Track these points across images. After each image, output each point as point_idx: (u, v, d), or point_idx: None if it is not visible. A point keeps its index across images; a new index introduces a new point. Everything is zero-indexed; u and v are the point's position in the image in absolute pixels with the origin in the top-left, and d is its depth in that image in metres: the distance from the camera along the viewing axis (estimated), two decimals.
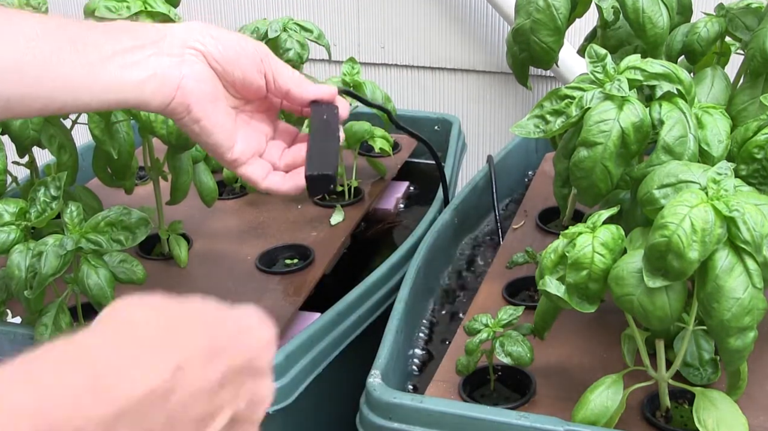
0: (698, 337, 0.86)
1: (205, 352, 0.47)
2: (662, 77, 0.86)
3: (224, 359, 0.49)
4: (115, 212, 0.94)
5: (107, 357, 0.41)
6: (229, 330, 0.51)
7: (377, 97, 1.28)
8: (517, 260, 1.06)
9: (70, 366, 0.40)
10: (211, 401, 0.47)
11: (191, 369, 0.45)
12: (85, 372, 0.39)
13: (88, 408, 0.39)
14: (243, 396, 0.51)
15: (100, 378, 0.40)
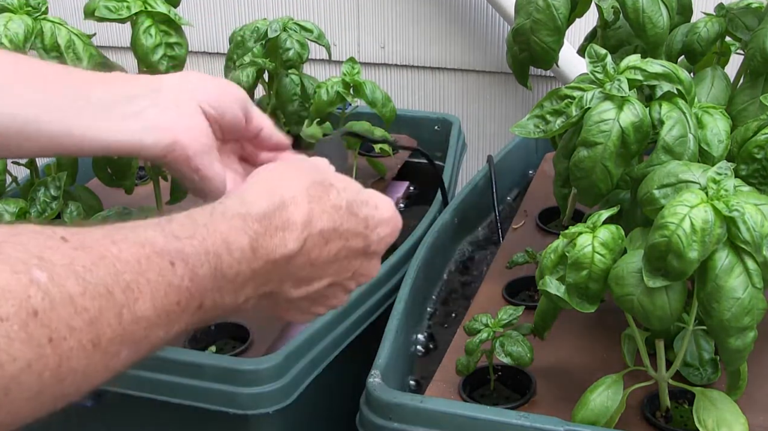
0: (698, 337, 0.86)
1: (330, 232, 0.61)
2: (662, 77, 0.86)
3: (345, 240, 0.63)
4: (114, 212, 0.94)
5: (262, 223, 0.56)
6: (360, 215, 0.64)
7: (377, 97, 1.28)
8: (517, 260, 1.06)
9: (239, 227, 0.55)
10: (317, 269, 0.62)
11: (314, 243, 0.60)
12: (248, 234, 0.55)
13: (249, 261, 0.55)
14: (348, 271, 0.65)
15: (257, 240, 0.56)
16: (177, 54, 1.03)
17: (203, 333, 1.03)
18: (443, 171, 1.37)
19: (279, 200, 0.59)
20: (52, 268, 0.43)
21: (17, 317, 0.40)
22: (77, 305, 0.43)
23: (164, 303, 0.49)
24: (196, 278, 0.51)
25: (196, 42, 1.93)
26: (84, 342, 0.43)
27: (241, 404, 0.90)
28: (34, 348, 0.41)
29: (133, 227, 0.50)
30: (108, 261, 0.46)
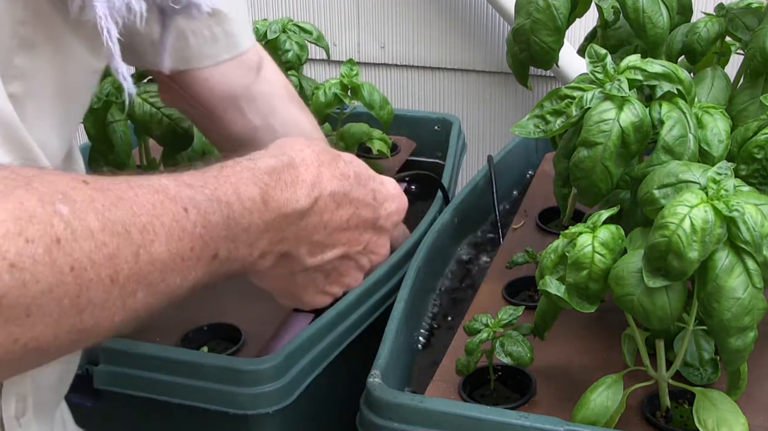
0: (698, 337, 0.86)
1: (341, 197, 0.63)
2: (662, 77, 0.86)
3: (355, 208, 0.65)
4: None
5: (271, 176, 0.59)
6: (368, 187, 0.66)
7: (375, 99, 1.28)
8: (517, 260, 1.06)
9: (249, 178, 0.57)
10: (331, 235, 0.64)
11: (326, 205, 0.62)
12: (259, 186, 0.57)
13: (261, 212, 0.57)
14: (359, 243, 0.67)
15: (267, 192, 0.58)
16: None
17: (196, 333, 1.03)
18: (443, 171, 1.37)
19: (288, 159, 0.61)
20: (73, 203, 0.45)
21: (42, 241, 0.43)
22: (97, 239, 0.45)
23: (178, 247, 0.51)
24: (209, 225, 0.53)
25: None
26: (103, 275, 0.46)
27: (241, 404, 0.91)
28: (56, 273, 0.43)
29: (147, 177, 0.52)
30: (125, 203, 0.48)
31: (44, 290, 0.43)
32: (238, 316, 1.06)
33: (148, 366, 0.93)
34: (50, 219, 0.43)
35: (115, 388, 0.94)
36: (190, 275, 0.52)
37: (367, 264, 0.70)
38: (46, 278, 0.43)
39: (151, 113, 0.99)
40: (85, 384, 0.95)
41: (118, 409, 0.99)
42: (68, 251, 0.44)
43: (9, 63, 0.56)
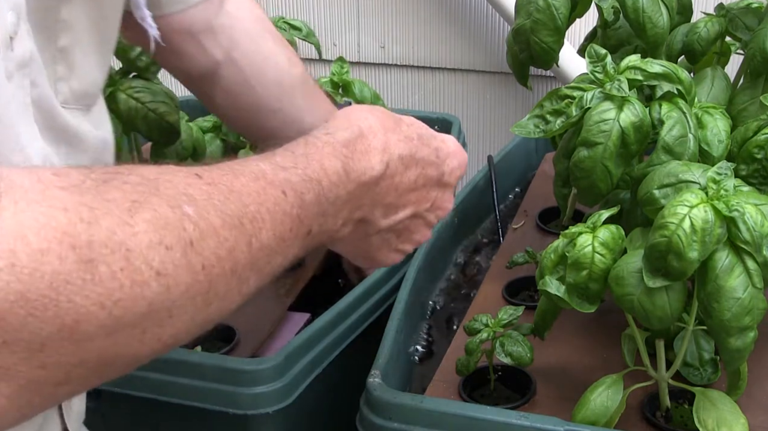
0: (698, 337, 0.86)
1: (408, 158, 0.67)
2: (662, 77, 0.86)
3: (421, 168, 0.68)
4: None
5: (348, 148, 0.62)
6: (431, 146, 0.69)
7: (366, 95, 1.29)
8: (517, 260, 1.06)
9: (331, 152, 0.60)
10: (402, 196, 0.67)
11: (396, 168, 0.66)
12: (340, 159, 0.60)
13: (344, 184, 0.60)
14: (427, 201, 0.70)
15: (348, 164, 0.61)
16: None
17: None
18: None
19: (357, 129, 0.64)
20: (196, 203, 0.48)
21: (178, 245, 0.45)
22: (220, 235, 0.48)
23: (281, 230, 0.54)
24: (304, 204, 0.56)
25: None
26: (226, 269, 0.49)
27: (241, 404, 0.91)
28: (191, 274, 0.46)
29: (245, 161, 0.55)
30: (235, 195, 0.51)
31: (182, 292, 0.46)
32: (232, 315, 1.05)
33: (148, 366, 0.92)
34: (181, 223, 0.46)
35: (115, 388, 0.94)
36: (289, 254, 0.56)
37: (435, 220, 0.73)
38: (184, 280, 0.46)
39: (136, 108, 0.99)
40: None
41: (118, 409, 0.99)
42: (199, 251, 0.47)
43: (56, 18, 0.57)
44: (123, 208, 0.44)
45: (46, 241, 0.40)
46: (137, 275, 0.43)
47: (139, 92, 1.00)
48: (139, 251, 0.43)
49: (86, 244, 0.41)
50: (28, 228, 0.40)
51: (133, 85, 1.00)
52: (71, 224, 0.41)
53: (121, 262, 0.42)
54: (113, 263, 0.42)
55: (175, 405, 0.93)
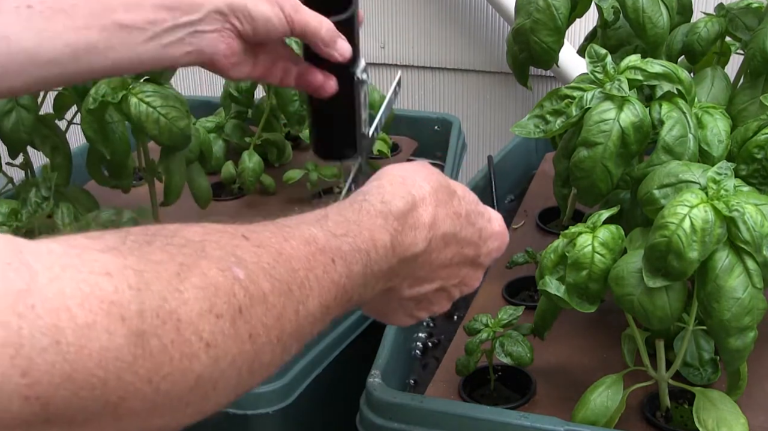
0: (698, 337, 0.86)
1: (450, 236, 0.65)
2: (662, 77, 0.86)
3: (460, 247, 0.66)
4: (105, 213, 0.95)
5: (399, 221, 0.60)
6: (476, 226, 0.68)
7: (375, 99, 1.28)
8: (517, 260, 1.06)
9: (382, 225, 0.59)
10: (434, 271, 0.66)
11: (436, 245, 0.64)
12: (390, 232, 0.59)
13: (389, 258, 0.59)
14: (457, 277, 0.69)
15: (396, 238, 0.59)
16: None
17: None
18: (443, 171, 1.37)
19: (411, 200, 0.62)
20: (246, 266, 0.45)
21: (228, 314, 0.42)
22: (268, 302, 0.46)
23: (327, 299, 0.52)
24: (351, 274, 0.55)
25: None
26: (272, 337, 0.46)
27: (241, 404, 0.90)
28: (238, 344, 0.43)
29: (297, 223, 0.53)
30: (284, 258, 0.48)
31: (229, 363, 0.43)
32: None
33: None
34: (232, 288, 0.43)
35: None
36: (328, 319, 0.54)
37: (458, 295, 0.71)
38: (231, 350, 0.43)
39: (147, 113, 0.99)
40: None
41: None
42: (247, 319, 0.44)
43: None
44: (171, 272, 0.41)
45: (92, 313, 0.36)
46: (187, 347, 0.40)
47: (151, 97, 1.00)
48: (190, 320, 0.40)
49: (136, 314, 0.38)
50: (71, 298, 0.36)
51: (144, 89, 1.00)
52: (118, 291, 0.37)
53: (172, 334, 0.39)
54: (164, 335, 0.39)
55: None
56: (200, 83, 2.01)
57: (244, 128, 1.42)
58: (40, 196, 0.98)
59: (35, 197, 0.98)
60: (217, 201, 1.28)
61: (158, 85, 1.02)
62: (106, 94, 0.99)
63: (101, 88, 0.99)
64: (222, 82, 1.41)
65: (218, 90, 1.47)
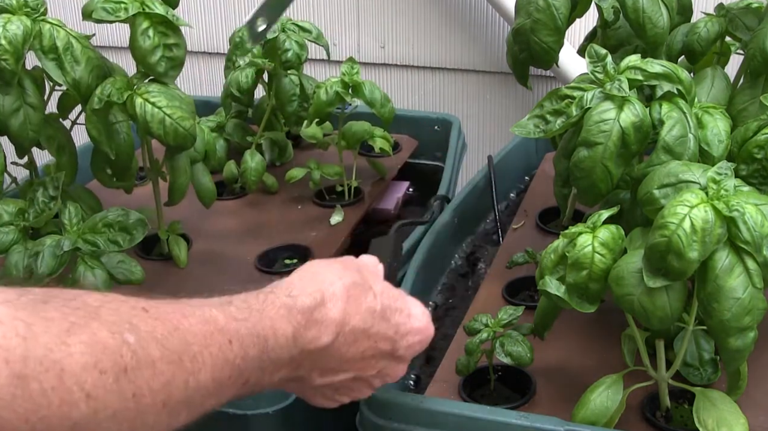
0: (698, 337, 0.86)
1: (360, 332, 0.67)
2: (662, 77, 0.85)
3: (373, 341, 0.68)
4: (112, 213, 0.94)
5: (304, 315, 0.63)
6: (392, 322, 0.70)
7: (376, 97, 1.28)
8: (517, 260, 1.06)
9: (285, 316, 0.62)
10: (345, 363, 0.68)
11: (345, 340, 0.66)
12: (292, 324, 0.62)
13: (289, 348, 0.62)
14: (373, 369, 0.71)
15: (299, 331, 0.62)
16: (175, 55, 1.03)
17: None
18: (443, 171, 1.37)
19: (320, 296, 0.65)
20: (138, 333, 0.49)
21: (113, 371, 0.46)
22: (156, 368, 0.49)
23: (220, 376, 0.56)
24: (247, 357, 0.58)
25: (196, 42, 1.93)
26: (158, 401, 0.50)
27: (241, 404, 0.90)
28: (121, 400, 0.47)
29: (199, 305, 0.57)
30: (180, 333, 0.53)
31: (109, 416, 0.46)
32: None
33: None
34: (120, 349, 0.47)
35: None
36: (223, 398, 0.58)
37: (379, 384, 0.74)
38: (112, 405, 0.46)
39: (153, 113, 0.99)
40: None
41: None
42: (132, 379, 0.47)
43: None
44: (61, 328, 0.45)
45: None
46: (67, 395, 0.43)
47: (156, 97, 1.00)
48: (73, 372, 0.44)
49: (20, 359, 0.42)
50: None
51: (149, 89, 1.00)
52: (6, 337, 0.42)
53: (54, 381, 0.43)
54: (45, 381, 0.43)
55: None
56: (200, 83, 2.01)
57: (245, 128, 1.42)
58: (47, 195, 0.98)
59: (42, 197, 0.98)
60: (219, 200, 1.28)
61: (163, 85, 1.02)
62: (112, 94, 0.99)
63: (106, 88, 0.99)
64: (222, 81, 1.41)
65: (218, 90, 1.48)
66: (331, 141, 1.38)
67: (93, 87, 1.01)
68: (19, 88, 1.01)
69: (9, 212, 0.97)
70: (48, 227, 0.98)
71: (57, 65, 0.99)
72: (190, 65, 1.98)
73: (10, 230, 0.95)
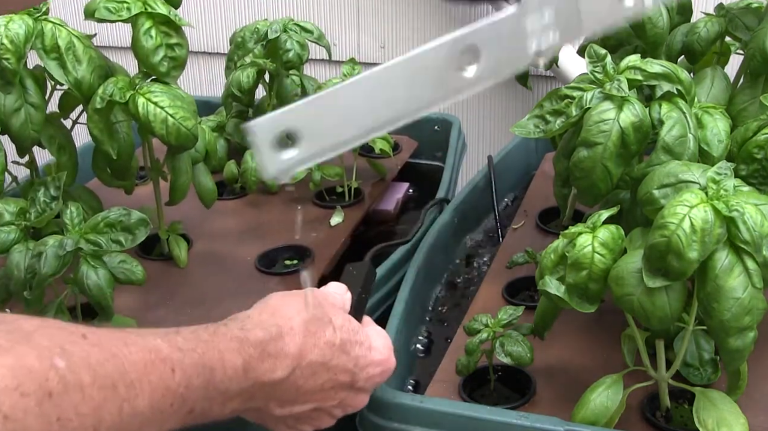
0: (698, 337, 0.86)
1: (318, 365, 0.68)
2: (662, 77, 0.86)
3: (333, 374, 0.69)
4: (114, 213, 0.94)
5: (257, 348, 0.64)
6: (351, 354, 0.71)
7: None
8: (517, 260, 1.06)
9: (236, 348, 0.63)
10: (303, 395, 0.69)
11: (302, 373, 0.67)
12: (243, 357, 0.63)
13: (239, 380, 0.62)
14: (333, 400, 0.71)
15: (250, 363, 0.63)
16: (177, 55, 1.03)
17: None
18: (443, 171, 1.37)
19: (276, 330, 0.66)
20: (70, 358, 0.49)
21: (35, 395, 0.46)
22: (86, 393, 0.49)
23: (160, 403, 0.56)
24: (191, 386, 0.58)
25: (196, 42, 1.93)
26: (87, 425, 0.50)
27: None
28: (44, 424, 0.47)
29: (144, 334, 0.58)
30: (118, 360, 0.53)
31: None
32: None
33: None
34: (46, 374, 0.47)
35: None
36: (165, 426, 0.58)
37: (340, 414, 0.74)
38: (32, 427, 0.46)
39: (155, 113, 0.99)
40: None
41: None
42: (58, 403, 0.48)
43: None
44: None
45: None
46: None
47: (158, 96, 1.00)
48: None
49: None
50: None
51: (152, 89, 1.00)
52: None
53: None
54: None
55: None
56: (200, 83, 2.01)
57: None
58: (48, 195, 0.98)
59: (44, 197, 0.98)
60: (219, 200, 1.28)
61: (165, 85, 1.02)
62: (114, 94, 0.99)
63: (108, 87, 0.99)
64: (222, 81, 1.41)
65: (218, 90, 1.48)
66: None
67: (95, 87, 1.01)
68: (20, 87, 1.01)
69: (10, 211, 0.97)
70: (49, 227, 0.98)
71: (59, 65, 1.00)
72: (190, 65, 1.98)
73: (11, 229, 0.95)
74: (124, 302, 1.07)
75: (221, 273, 1.16)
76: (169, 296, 1.11)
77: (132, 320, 1.03)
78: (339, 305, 0.75)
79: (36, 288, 0.91)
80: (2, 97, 1.00)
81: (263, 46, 1.33)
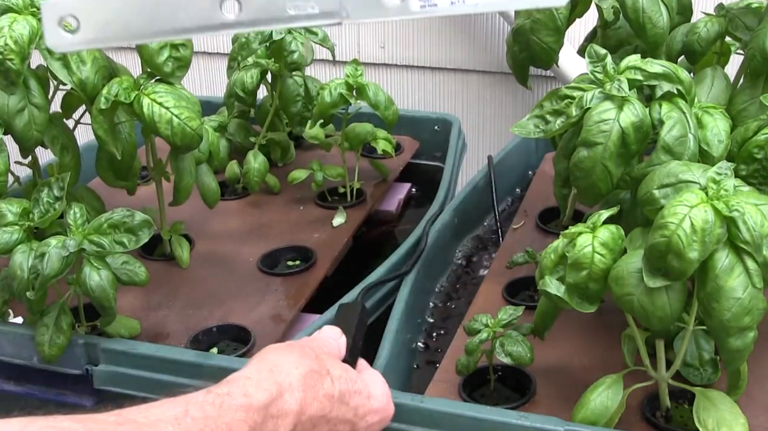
0: (698, 337, 0.86)
1: (318, 418, 0.69)
2: (662, 77, 0.86)
3: (332, 425, 0.70)
4: (118, 213, 0.94)
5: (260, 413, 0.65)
6: (351, 404, 0.72)
7: (380, 99, 1.28)
8: (517, 260, 1.06)
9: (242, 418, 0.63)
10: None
11: (303, 427, 0.68)
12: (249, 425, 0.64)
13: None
14: None
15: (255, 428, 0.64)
16: (182, 55, 1.03)
17: (205, 335, 1.03)
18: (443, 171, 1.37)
19: (277, 389, 0.67)
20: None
21: None
22: None
23: None
24: None
25: (196, 42, 1.93)
26: None
27: None
28: None
29: (154, 421, 0.60)
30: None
31: None
32: (247, 317, 1.06)
33: (148, 366, 0.93)
34: None
35: (115, 388, 0.94)
36: None
37: None
38: None
39: (160, 114, 0.99)
40: (85, 384, 0.95)
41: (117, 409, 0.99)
42: None
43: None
44: None
45: None
46: None
47: (163, 97, 1.00)
48: None
49: None
50: None
51: (156, 89, 1.00)
52: None
53: None
54: None
55: None
56: (200, 83, 2.02)
57: (247, 128, 1.42)
58: (52, 196, 0.98)
59: (47, 197, 0.98)
60: (221, 201, 1.28)
61: (170, 85, 1.02)
62: (119, 94, 0.99)
63: (113, 88, 1.00)
64: (223, 81, 1.41)
65: (218, 90, 1.48)
66: (333, 142, 1.39)
67: (99, 87, 1.01)
68: (24, 87, 1.01)
69: (13, 212, 0.97)
70: (52, 227, 0.99)
71: (63, 65, 1.00)
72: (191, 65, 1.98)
73: (14, 230, 0.95)
74: (127, 303, 1.08)
75: (223, 274, 1.16)
76: (172, 296, 1.11)
77: (135, 322, 1.03)
78: (335, 353, 0.77)
79: (39, 289, 0.91)
80: (6, 98, 1.00)
81: (267, 47, 1.33)
